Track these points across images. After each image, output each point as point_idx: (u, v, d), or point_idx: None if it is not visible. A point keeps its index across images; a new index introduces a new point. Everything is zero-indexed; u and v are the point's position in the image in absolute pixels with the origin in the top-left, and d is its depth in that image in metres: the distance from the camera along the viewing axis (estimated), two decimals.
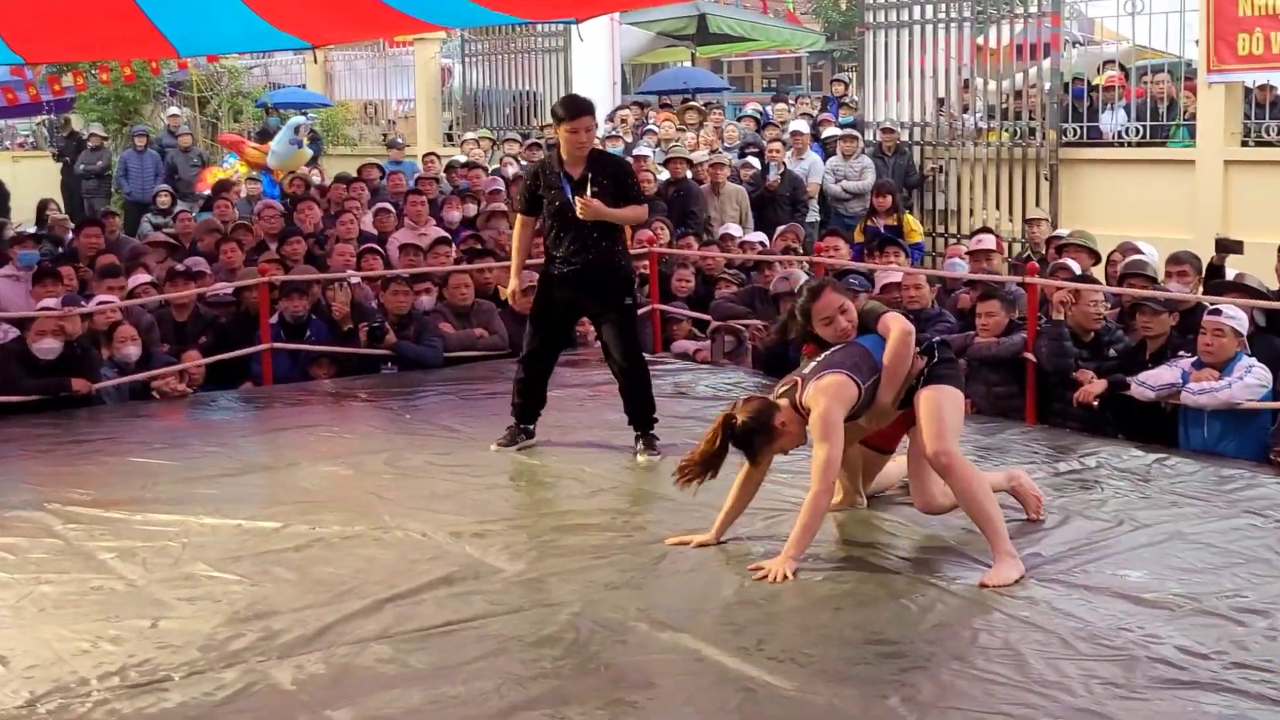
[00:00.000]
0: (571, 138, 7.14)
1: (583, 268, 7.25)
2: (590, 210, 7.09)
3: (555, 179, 7.23)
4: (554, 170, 7.26)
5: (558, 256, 7.30)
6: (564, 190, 7.18)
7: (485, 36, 20.10)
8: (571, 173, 7.19)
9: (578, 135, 7.13)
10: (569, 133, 7.13)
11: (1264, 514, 6.06)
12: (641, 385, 7.46)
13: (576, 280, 7.29)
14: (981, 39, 14.91)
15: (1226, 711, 4.09)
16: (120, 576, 5.50)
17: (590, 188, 7.13)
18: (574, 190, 7.15)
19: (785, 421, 5.57)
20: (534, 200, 7.37)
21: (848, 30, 34.17)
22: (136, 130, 20.32)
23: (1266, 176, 12.41)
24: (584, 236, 7.22)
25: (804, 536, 5.41)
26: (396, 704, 4.23)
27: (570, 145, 7.17)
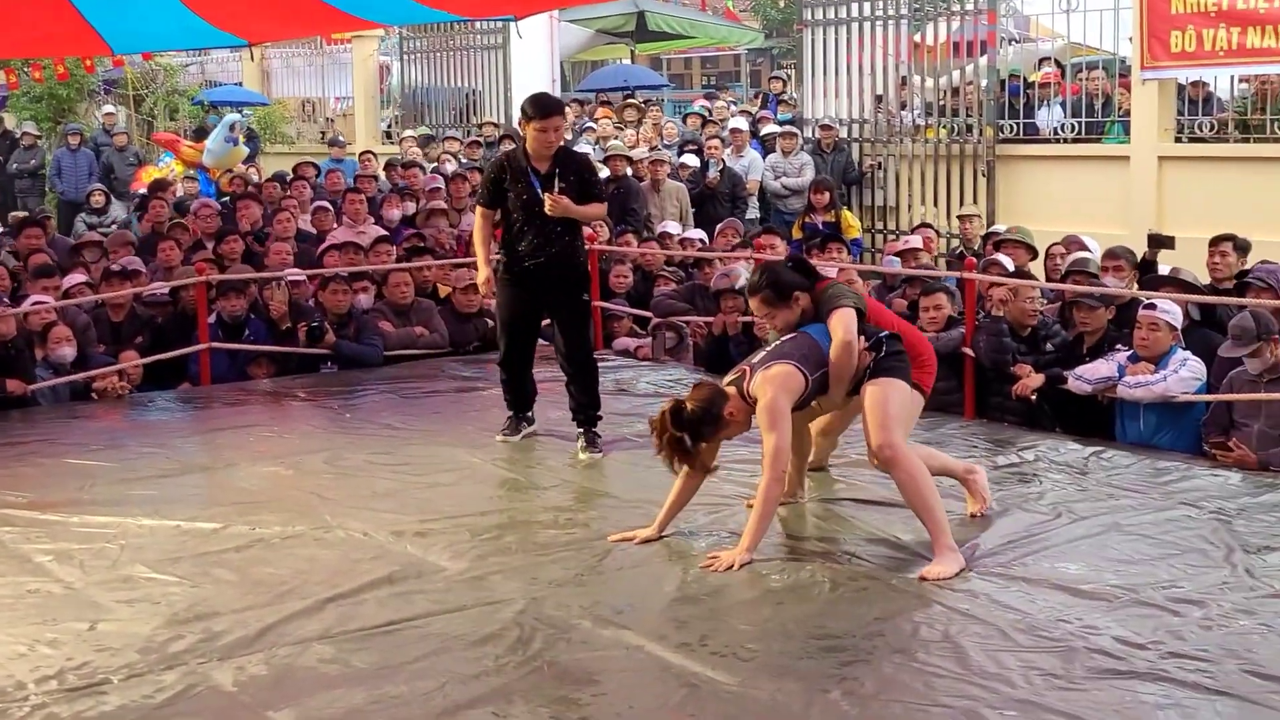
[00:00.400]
0: (541, 136, 7.17)
1: (546, 262, 7.29)
2: (559, 208, 7.12)
3: (522, 174, 7.24)
4: (520, 165, 7.26)
5: (521, 251, 7.30)
6: (532, 185, 7.20)
7: (424, 34, 20.01)
8: (539, 168, 7.22)
9: (547, 135, 7.17)
10: (539, 131, 7.16)
11: (1199, 505, 6.14)
12: (591, 381, 7.51)
13: (539, 275, 7.31)
14: (919, 36, 14.97)
15: (1163, 700, 4.15)
16: (57, 579, 5.44)
17: (557, 184, 7.18)
18: (543, 186, 7.19)
19: (733, 411, 5.60)
20: (497, 194, 7.36)
21: (786, 27, 34.28)
22: (70, 129, 20.09)
23: (1199, 172, 12.55)
24: (548, 232, 7.27)
25: (760, 527, 5.47)
26: (339, 704, 4.21)
27: (539, 144, 7.20)
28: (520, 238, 7.30)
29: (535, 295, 7.41)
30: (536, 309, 7.57)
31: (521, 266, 7.33)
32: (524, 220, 7.28)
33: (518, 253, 7.32)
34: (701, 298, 10.21)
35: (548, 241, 7.28)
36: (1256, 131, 12.58)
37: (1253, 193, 11.88)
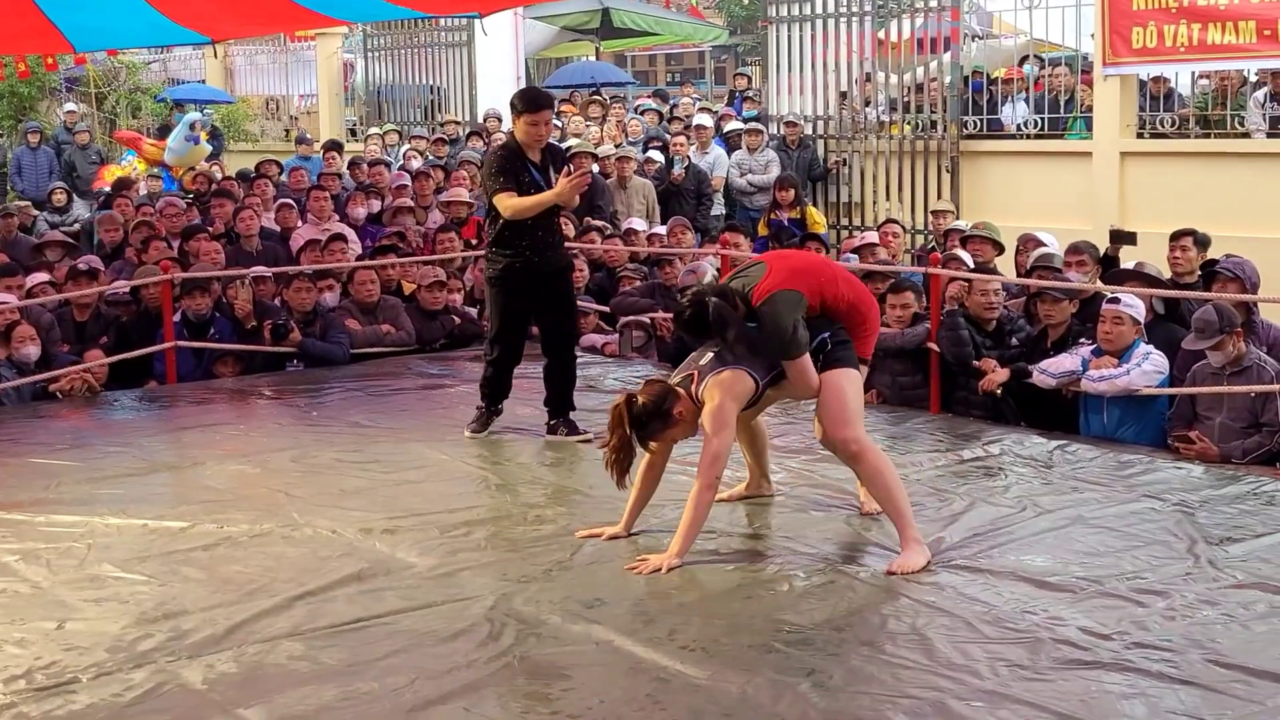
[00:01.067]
0: (532, 129, 7.22)
1: (549, 255, 7.37)
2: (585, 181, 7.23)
3: (522, 166, 7.26)
4: (520, 158, 7.28)
5: (524, 245, 7.29)
6: (535, 177, 7.24)
7: (388, 31, 19.96)
8: (534, 160, 7.29)
9: (538, 128, 7.24)
10: (530, 125, 7.21)
11: (1162, 498, 6.20)
12: (571, 370, 7.66)
13: (541, 270, 7.35)
14: (882, 33, 15.03)
15: (1128, 690, 4.19)
16: (24, 579, 5.42)
17: (552, 174, 7.27)
18: (543, 176, 7.26)
19: (682, 410, 5.54)
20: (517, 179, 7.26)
21: (750, 24, 34.42)
22: (30, 127, 19.96)
23: (1161, 167, 12.66)
24: (550, 224, 7.39)
25: (690, 533, 5.42)
26: (309, 701, 4.21)
27: (531, 136, 7.24)
28: (524, 232, 7.28)
29: (537, 290, 7.42)
30: (529, 308, 7.55)
31: (525, 261, 7.32)
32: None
33: (520, 247, 7.30)
34: (663, 295, 10.22)
35: (549, 232, 7.38)
36: (1217, 127, 12.70)
37: (1213, 188, 11.99)
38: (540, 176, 7.26)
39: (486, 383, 7.70)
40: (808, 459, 6.91)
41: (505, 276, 7.39)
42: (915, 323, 8.44)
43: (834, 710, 4.09)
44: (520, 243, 7.30)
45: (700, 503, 5.43)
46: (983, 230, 10.04)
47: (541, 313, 7.58)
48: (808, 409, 7.95)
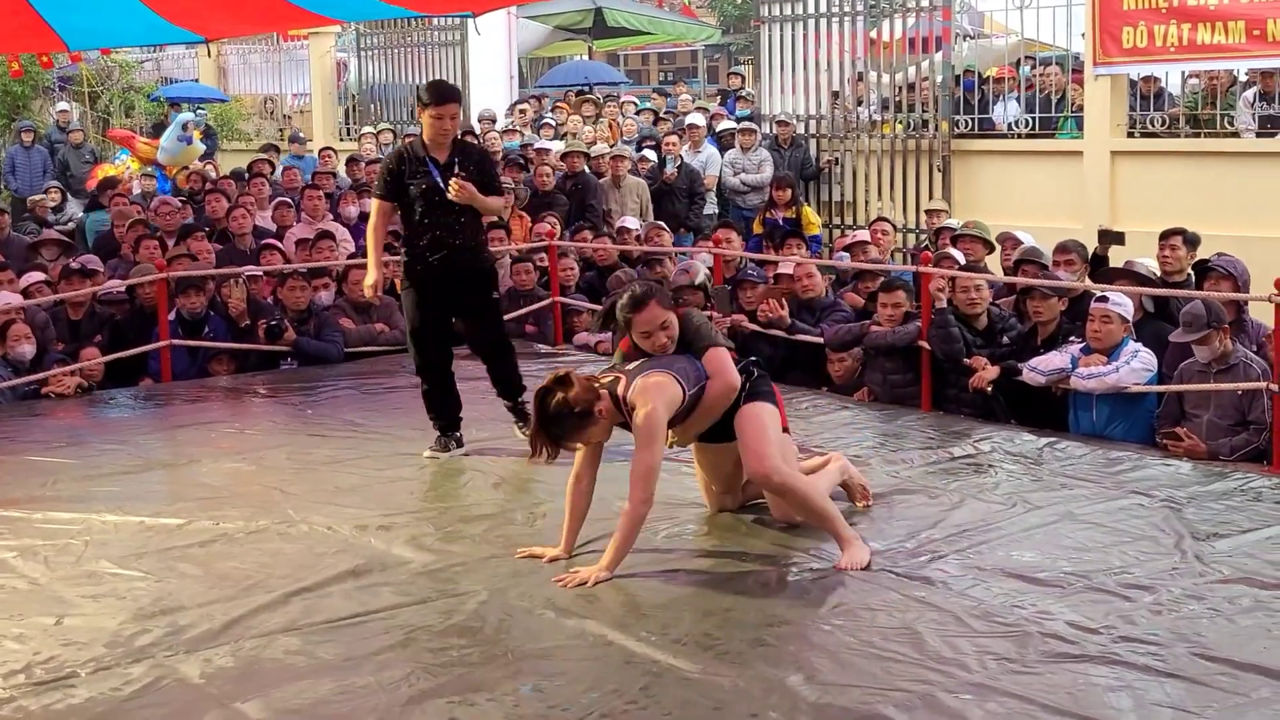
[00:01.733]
0: (437, 124, 6.97)
1: (450, 255, 7.07)
2: (464, 193, 6.91)
3: (421, 164, 7.02)
4: (419, 155, 7.05)
5: (423, 246, 7.07)
6: (432, 174, 6.99)
7: (381, 30, 19.99)
8: (438, 158, 7.03)
9: (443, 121, 6.97)
10: (434, 118, 6.95)
11: (1150, 494, 6.25)
12: (511, 366, 7.46)
13: (443, 270, 7.09)
14: (874, 33, 15.10)
15: (1114, 683, 4.24)
16: (22, 575, 5.46)
17: (457, 172, 6.98)
18: (442, 175, 6.98)
19: (603, 410, 5.34)
20: (397, 186, 7.08)
21: (743, 23, 34.41)
22: (23, 126, 19.96)
23: (1151, 166, 12.72)
24: (451, 224, 7.05)
25: (623, 548, 5.26)
26: (306, 695, 4.26)
27: (435, 131, 6.99)
28: (422, 232, 7.06)
29: (441, 294, 7.15)
30: (445, 309, 7.27)
31: (424, 264, 7.08)
32: (424, 212, 7.04)
33: (419, 249, 7.07)
34: None
35: (450, 233, 7.05)
36: (1207, 126, 12.76)
37: (1203, 187, 12.06)
38: (441, 177, 6.98)
39: (424, 399, 7.38)
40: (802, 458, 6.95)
41: (407, 276, 7.23)
42: (906, 321, 8.49)
43: (824, 703, 4.13)
44: (416, 244, 7.09)
45: (634, 519, 5.25)
46: (973, 229, 10.09)
47: (462, 318, 7.37)
48: (800, 408, 8.04)
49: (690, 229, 13.86)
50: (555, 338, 10.63)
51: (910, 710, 4.07)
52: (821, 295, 9.40)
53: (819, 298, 9.37)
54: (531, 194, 13.42)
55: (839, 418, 7.95)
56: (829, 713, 4.08)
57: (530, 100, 19.21)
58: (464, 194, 6.92)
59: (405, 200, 7.11)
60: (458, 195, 6.92)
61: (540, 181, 13.49)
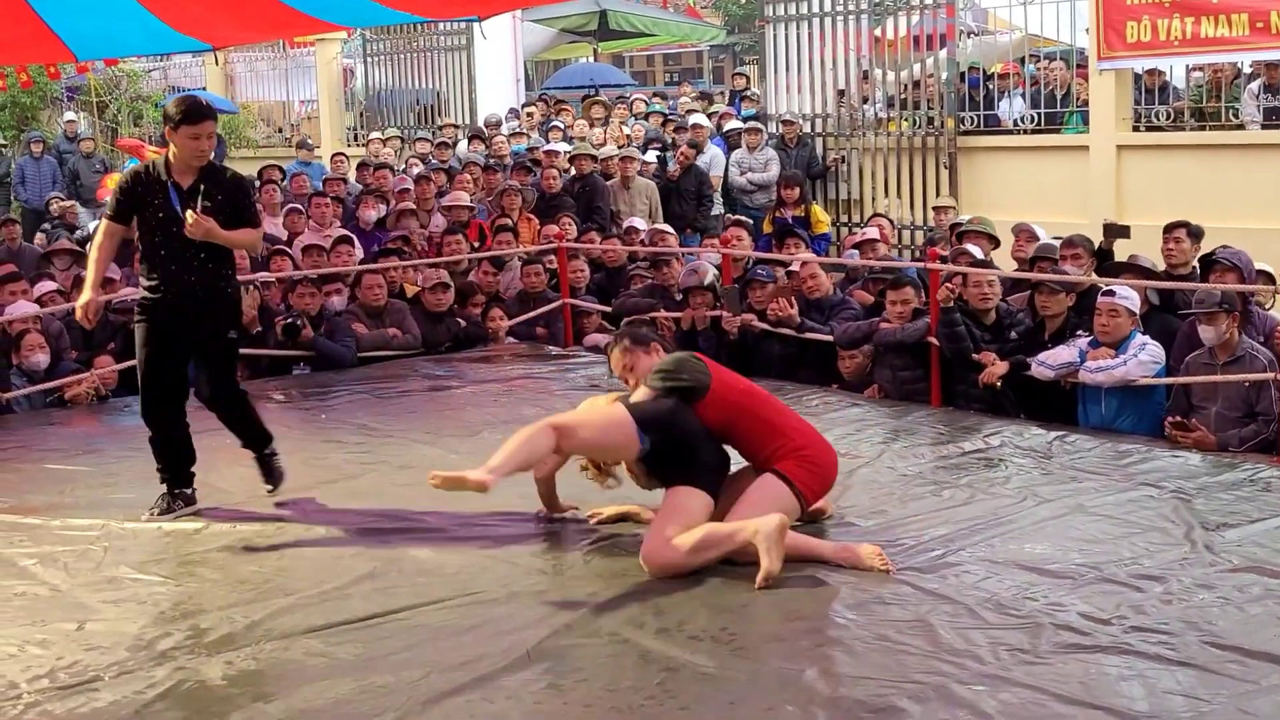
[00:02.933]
0: (193, 144, 6.20)
1: (183, 291, 6.28)
2: (200, 229, 6.13)
3: (160, 188, 6.24)
4: (159, 178, 6.26)
5: (156, 278, 6.29)
6: (171, 202, 6.22)
7: (387, 36, 20.07)
8: (180, 182, 6.25)
9: (200, 142, 6.20)
10: (190, 138, 6.18)
11: (1159, 486, 6.30)
12: (248, 414, 6.73)
13: (176, 306, 6.30)
14: (879, 31, 15.15)
15: (1126, 672, 4.28)
16: (43, 582, 5.52)
17: (201, 201, 6.22)
18: (183, 201, 6.23)
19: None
20: (129, 208, 6.31)
21: (748, 23, 34.48)
22: (32, 136, 20.04)
23: (1157, 160, 12.76)
24: (188, 257, 6.26)
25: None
26: (327, 695, 4.31)
27: (188, 152, 6.22)
28: (156, 262, 6.29)
29: (174, 330, 6.35)
30: (178, 346, 6.43)
31: (158, 296, 6.31)
32: (161, 241, 6.26)
33: (153, 280, 6.30)
34: (662, 296, 10.32)
35: (187, 268, 6.26)
36: (1212, 119, 12.80)
37: (1209, 179, 12.10)
38: (181, 205, 6.19)
39: (151, 448, 6.57)
40: None
41: (139, 309, 6.44)
42: (915, 318, 8.53)
43: (839, 696, 4.18)
44: (150, 274, 6.33)
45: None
46: (977, 225, 10.13)
47: (195, 360, 6.54)
48: (811, 406, 8.08)
49: (698, 229, 13.90)
50: (565, 339, 10.69)
51: (924, 702, 4.11)
52: (828, 294, 9.44)
53: (826, 296, 9.42)
54: (539, 196, 13.46)
55: (849, 414, 8.00)
56: (844, 705, 4.12)
57: (538, 103, 19.26)
58: (199, 230, 6.14)
59: (141, 226, 6.34)
60: (193, 231, 6.14)
61: (548, 184, 13.54)
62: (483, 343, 10.51)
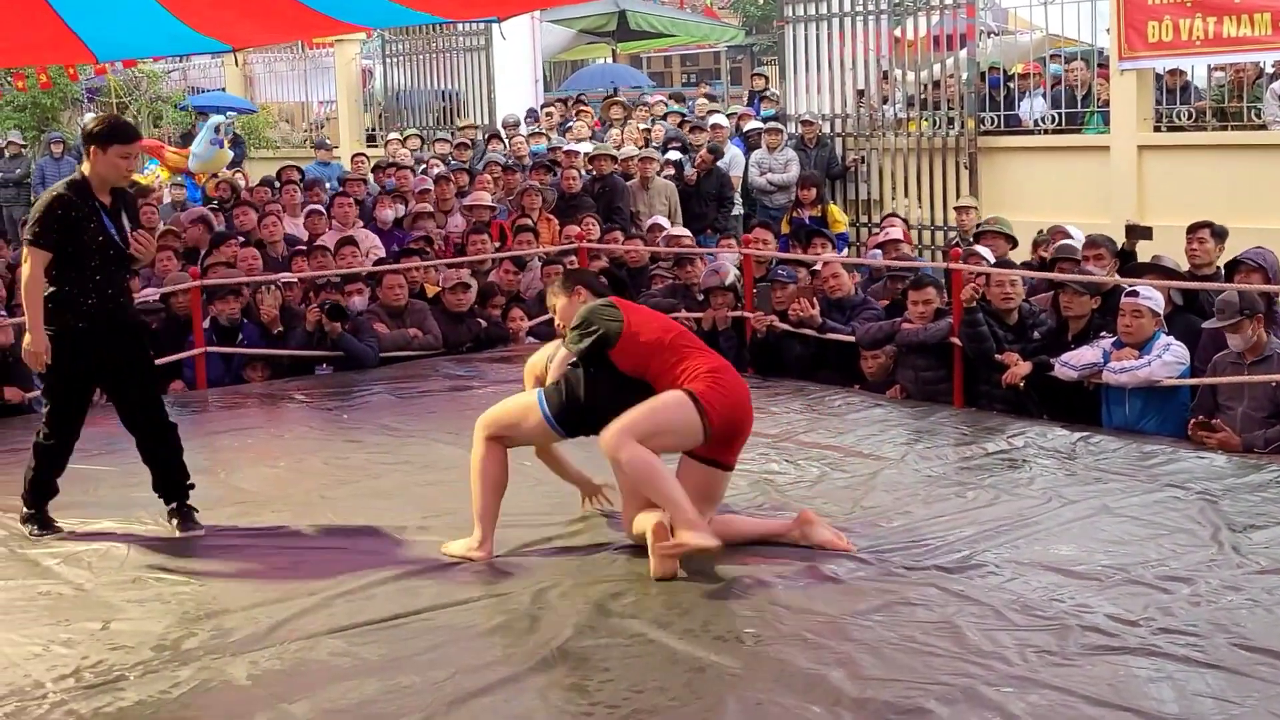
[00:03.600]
0: (122, 163, 6.08)
1: (115, 313, 6.12)
2: (146, 246, 6.17)
3: (90, 210, 6.02)
4: (90, 200, 6.03)
5: (90, 304, 6.03)
6: (103, 221, 6.03)
7: (406, 36, 20.09)
8: (104, 201, 6.08)
9: (129, 161, 6.15)
10: (121, 158, 6.06)
11: (1185, 487, 6.27)
12: (178, 447, 6.39)
13: (107, 331, 6.09)
14: (899, 31, 15.11)
15: (1155, 674, 4.26)
16: (67, 581, 5.52)
17: (126, 222, 6.15)
18: (114, 221, 6.08)
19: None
20: (65, 234, 5.98)
21: (766, 24, 34.45)
22: (53, 137, 20.12)
23: (1178, 160, 12.71)
24: (118, 279, 6.16)
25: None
26: (352, 695, 4.30)
27: (116, 173, 6.09)
28: (90, 288, 6.03)
29: (100, 359, 6.13)
30: (95, 378, 6.31)
31: (88, 321, 6.04)
32: (98, 265, 6.04)
33: (85, 305, 6.03)
34: (685, 296, 10.31)
35: (117, 291, 6.14)
36: (1233, 119, 12.74)
37: (1231, 180, 12.05)
38: (111, 223, 6.05)
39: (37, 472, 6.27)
40: (835, 455, 7.00)
41: (63, 336, 6.03)
42: (937, 318, 8.51)
43: (866, 698, 4.16)
44: (81, 300, 6.02)
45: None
46: (995, 225, 10.10)
47: (117, 380, 6.28)
48: (833, 406, 8.07)
49: (718, 230, 13.89)
50: None
51: (952, 703, 4.09)
52: (849, 294, 9.42)
53: (848, 296, 9.40)
54: (559, 196, 13.46)
55: (871, 415, 7.98)
56: (871, 707, 4.10)
57: (556, 104, 19.27)
58: (148, 251, 6.22)
59: (72, 251, 6.00)
60: (141, 251, 6.17)
61: (568, 184, 13.54)
62: (503, 343, 10.51)
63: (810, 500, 6.25)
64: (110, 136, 6.03)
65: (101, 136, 6.03)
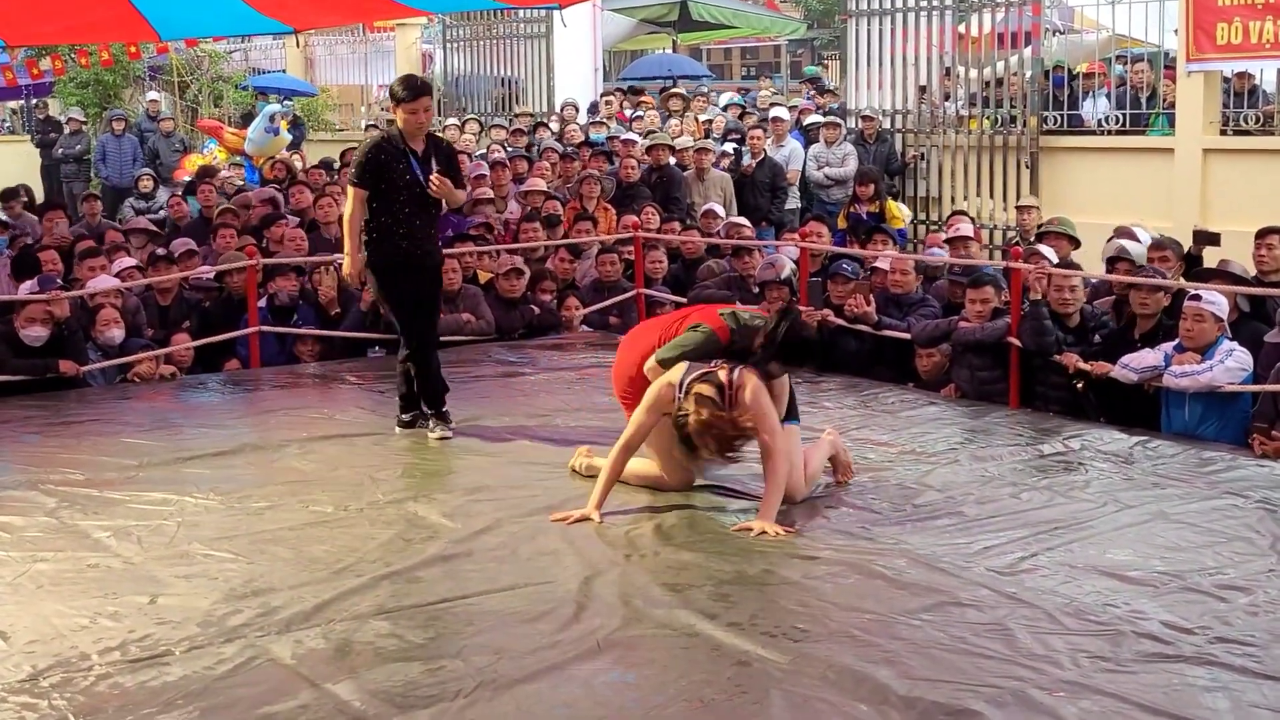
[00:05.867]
0: (411, 119, 7.20)
1: (426, 245, 7.38)
2: (444, 187, 7.21)
3: (401, 156, 7.23)
4: (399, 147, 7.25)
5: (399, 233, 7.27)
6: (411, 166, 7.22)
7: (467, 22, 20.11)
8: (416, 149, 7.26)
9: (417, 115, 7.20)
10: (409, 113, 7.18)
11: (1244, 494, 6.16)
12: (437, 365, 7.56)
13: (419, 260, 7.35)
14: (963, 27, 14.99)
15: (1210, 684, 4.18)
16: (116, 554, 5.53)
17: (434, 166, 7.24)
18: (422, 167, 7.23)
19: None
20: (377, 175, 7.25)
21: (827, 18, 34.29)
22: (114, 115, 20.27)
23: (1244, 165, 12.54)
24: (427, 215, 7.36)
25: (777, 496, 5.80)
26: (396, 677, 4.28)
27: (411, 125, 7.22)
28: (398, 220, 7.26)
29: (417, 278, 7.39)
30: (419, 293, 7.47)
31: (402, 249, 7.29)
32: (403, 202, 7.25)
33: (396, 235, 7.27)
34: (739, 288, 10.24)
35: (426, 224, 7.37)
36: None
37: None
38: (421, 169, 7.22)
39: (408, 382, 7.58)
40: (888, 452, 6.94)
41: (379, 263, 7.35)
42: (995, 317, 8.42)
43: (914, 698, 4.10)
44: (395, 231, 7.27)
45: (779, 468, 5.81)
46: (1057, 225, 9.99)
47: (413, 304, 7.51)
48: (887, 404, 8.02)
49: (772, 223, 13.83)
50: None
51: (1003, 706, 4.03)
52: (912, 291, 9.34)
53: (908, 293, 9.32)
54: (617, 186, 13.43)
55: (926, 413, 7.90)
56: (919, 706, 4.04)
57: (616, 92, 19.22)
58: (444, 190, 7.22)
59: (384, 191, 7.25)
60: (438, 190, 7.20)
61: (626, 174, 13.51)
62: (555, 330, 10.48)
63: (861, 497, 6.20)
64: (395, 98, 7.27)
65: (393, 98, 7.31)
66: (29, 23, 11.21)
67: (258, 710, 4.08)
